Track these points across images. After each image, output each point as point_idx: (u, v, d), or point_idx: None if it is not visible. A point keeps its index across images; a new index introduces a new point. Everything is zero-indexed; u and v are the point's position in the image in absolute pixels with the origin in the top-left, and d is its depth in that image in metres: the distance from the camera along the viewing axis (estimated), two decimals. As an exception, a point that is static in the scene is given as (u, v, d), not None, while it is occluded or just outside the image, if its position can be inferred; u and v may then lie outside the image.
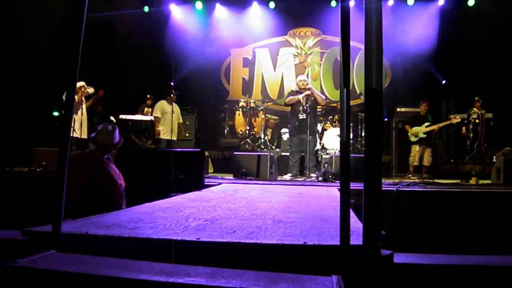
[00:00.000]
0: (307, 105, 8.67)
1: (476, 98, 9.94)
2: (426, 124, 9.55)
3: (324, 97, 9.13)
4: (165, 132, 10.09)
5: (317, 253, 1.88)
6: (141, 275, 1.57)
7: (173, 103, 10.11)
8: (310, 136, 8.64)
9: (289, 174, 8.66)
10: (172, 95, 10.02)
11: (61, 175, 2.14)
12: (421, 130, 9.54)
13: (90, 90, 9.11)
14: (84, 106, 9.13)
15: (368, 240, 1.78)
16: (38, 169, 7.49)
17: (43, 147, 8.10)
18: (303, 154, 8.91)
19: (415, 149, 9.58)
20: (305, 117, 8.67)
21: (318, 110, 10.95)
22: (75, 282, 1.60)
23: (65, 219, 2.24)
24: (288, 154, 9.30)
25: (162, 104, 10.13)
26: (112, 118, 10.58)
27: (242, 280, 1.51)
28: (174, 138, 10.23)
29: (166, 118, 10.07)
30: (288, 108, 9.29)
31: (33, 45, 10.22)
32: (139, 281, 1.54)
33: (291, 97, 8.92)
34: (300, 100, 8.73)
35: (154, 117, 10.12)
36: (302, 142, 8.75)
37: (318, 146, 9.74)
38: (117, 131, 4.68)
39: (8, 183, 6.67)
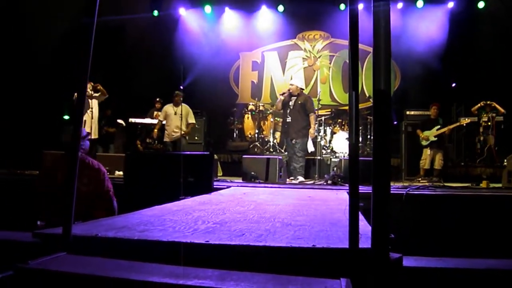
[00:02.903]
0: (292, 108, 8.77)
1: (489, 102, 9.91)
2: (437, 127, 9.50)
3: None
4: (169, 134, 9.96)
5: (326, 256, 1.88)
6: (150, 277, 1.58)
7: (183, 104, 9.99)
8: (294, 140, 8.69)
9: (291, 178, 8.67)
10: (176, 97, 9.93)
11: (71, 177, 2.16)
12: (431, 133, 9.50)
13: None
14: (94, 106, 9.19)
15: (376, 243, 1.78)
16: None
17: (53, 150, 8.16)
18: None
19: (426, 152, 9.54)
20: (290, 120, 8.74)
21: (325, 114, 10.98)
22: (85, 283, 1.61)
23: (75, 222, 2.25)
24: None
25: (166, 108, 10.06)
26: (119, 121, 10.64)
27: (251, 282, 1.51)
28: (183, 140, 10.05)
29: (169, 120, 9.93)
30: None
31: (44, 49, 10.32)
32: (149, 283, 1.54)
33: (276, 103, 9.23)
34: (283, 100, 8.86)
35: (158, 121, 10.15)
36: (289, 145, 8.89)
37: (312, 149, 9.60)
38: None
39: (19, 186, 6.72)
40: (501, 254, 2.36)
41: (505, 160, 8.25)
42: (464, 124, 9.82)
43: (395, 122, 10.90)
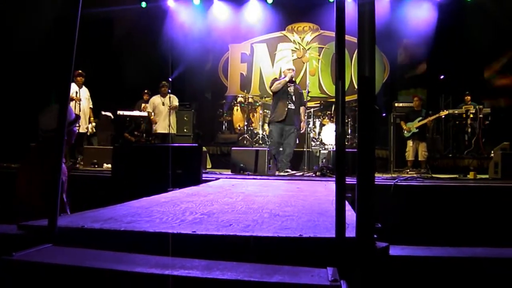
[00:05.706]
0: (293, 96, 8.40)
1: (467, 93, 10.02)
2: (419, 118, 9.57)
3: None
4: (158, 126, 9.95)
5: (313, 245, 1.88)
6: (136, 267, 1.57)
7: (170, 95, 9.90)
8: (296, 129, 8.37)
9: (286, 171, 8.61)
10: (162, 87, 9.90)
11: (56, 168, 2.14)
12: (413, 125, 9.57)
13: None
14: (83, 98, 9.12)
15: (361, 231, 1.78)
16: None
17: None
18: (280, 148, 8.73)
19: (409, 144, 9.62)
20: (293, 107, 8.36)
21: (314, 106, 10.98)
22: (71, 275, 1.60)
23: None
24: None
25: (153, 99, 10.08)
26: (107, 113, 10.55)
27: (237, 272, 1.51)
28: (173, 131, 9.96)
29: (158, 112, 9.95)
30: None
31: (31, 41, 10.19)
32: (135, 274, 1.54)
33: (278, 82, 8.37)
34: (287, 83, 8.29)
35: (148, 113, 10.09)
36: (284, 133, 8.29)
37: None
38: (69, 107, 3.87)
39: (6, 179, 6.66)
40: (488, 244, 2.38)
41: (492, 152, 8.34)
42: (443, 116, 9.89)
43: (384, 114, 10.95)
